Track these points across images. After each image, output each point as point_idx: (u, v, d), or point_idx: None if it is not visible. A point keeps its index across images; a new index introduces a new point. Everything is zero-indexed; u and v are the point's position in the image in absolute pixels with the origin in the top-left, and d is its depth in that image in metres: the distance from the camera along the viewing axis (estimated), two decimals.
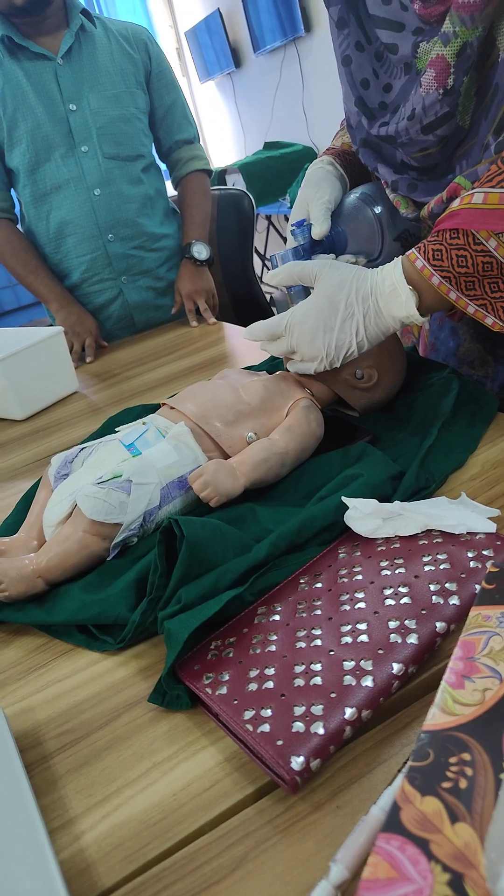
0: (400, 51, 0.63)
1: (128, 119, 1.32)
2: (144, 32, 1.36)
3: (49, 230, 1.34)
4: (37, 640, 0.54)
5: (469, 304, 0.58)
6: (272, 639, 0.44)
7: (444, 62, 0.57)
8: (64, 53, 1.24)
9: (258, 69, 3.79)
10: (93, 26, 1.28)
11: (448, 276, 0.57)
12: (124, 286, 1.41)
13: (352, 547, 0.52)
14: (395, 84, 0.66)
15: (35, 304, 3.93)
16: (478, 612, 0.39)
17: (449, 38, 0.56)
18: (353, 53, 0.66)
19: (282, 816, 0.35)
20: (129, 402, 1.02)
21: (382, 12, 0.62)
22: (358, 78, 0.67)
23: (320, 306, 0.62)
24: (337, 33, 0.67)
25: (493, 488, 0.56)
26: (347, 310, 0.61)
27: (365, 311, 0.60)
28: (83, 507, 0.55)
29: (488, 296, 0.57)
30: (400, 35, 0.62)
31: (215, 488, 0.57)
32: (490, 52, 0.58)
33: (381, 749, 0.37)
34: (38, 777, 0.41)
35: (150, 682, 0.46)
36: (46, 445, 0.94)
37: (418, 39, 0.61)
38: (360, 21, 0.65)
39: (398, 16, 0.62)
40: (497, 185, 0.53)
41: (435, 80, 0.58)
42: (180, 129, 1.43)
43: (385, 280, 0.60)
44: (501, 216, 0.52)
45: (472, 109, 0.61)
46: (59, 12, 1.25)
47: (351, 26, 0.66)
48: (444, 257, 0.56)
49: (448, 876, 0.27)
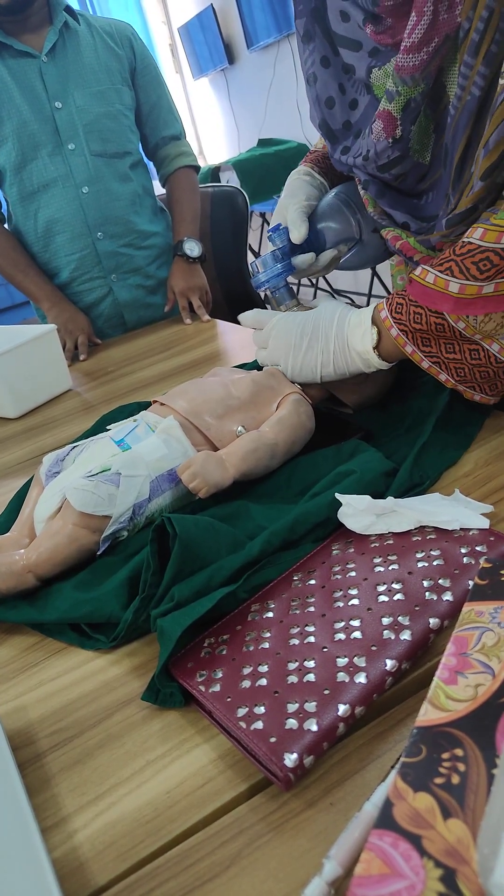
0: (357, 72, 0.64)
1: (114, 116, 1.31)
2: (129, 29, 1.35)
3: (37, 229, 1.33)
4: (29, 639, 0.53)
5: (423, 360, 0.61)
6: (265, 636, 0.44)
7: (390, 116, 0.58)
8: (48, 51, 1.23)
9: (252, 65, 3.78)
10: (76, 23, 1.27)
11: (405, 331, 0.60)
12: (114, 284, 1.40)
13: (345, 543, 0.52)
14: (361, 101, 0.66)
15: (28, 303, 3.91)
16: (471, 608, 0.39)
17: (393, 95, 0.56)
18: (318, 70, 0.66)
19: (275, 813, 0.35)
20: (123, 399, 1.02)
21: (342, 30, 0.62)
22: (323, 97, 0.67)
23: (303, 325, 0.66)
24: (303, 48, 0.66)
25: (487, 485, 0.57)
26: (321, 338, 0.65)
27: (335, 341, 0.64)
28: (72, 499, 0.55)
29: (443, 356, 0.60)
30: (356, 55, 0.62)
31: (204, 479, 0.57)
32: (442, 96, 0.58)
33: (374, 745, 0.37)
34: (30, 776, 0.41)
35: (143, 681, 0.46)
36: (40, 443, 0.94)
37: (371, 64, 0.61)
38: (328, 33, 0.64)
39: (356, 34, 0.61)
40: (445, 271, 0.55)
41: (384, 130, 0.59)
42: (166, 126, 1.43)
43: (357, 316, 0.64)
44: (443, 298, 0.56)
45: (431, 146, 0.61)
46: (42, 10, 1.24)
47: (317, 40, 0.65)
48: (404, 312, 0.60)
49: (440, 871, 0.27)
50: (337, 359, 0.65)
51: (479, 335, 0.58)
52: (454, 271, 0.54)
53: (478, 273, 0.53)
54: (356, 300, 3.51)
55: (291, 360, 0.67)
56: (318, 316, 0.66)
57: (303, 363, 0.66)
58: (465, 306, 0.55)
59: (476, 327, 0.57)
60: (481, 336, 0.58)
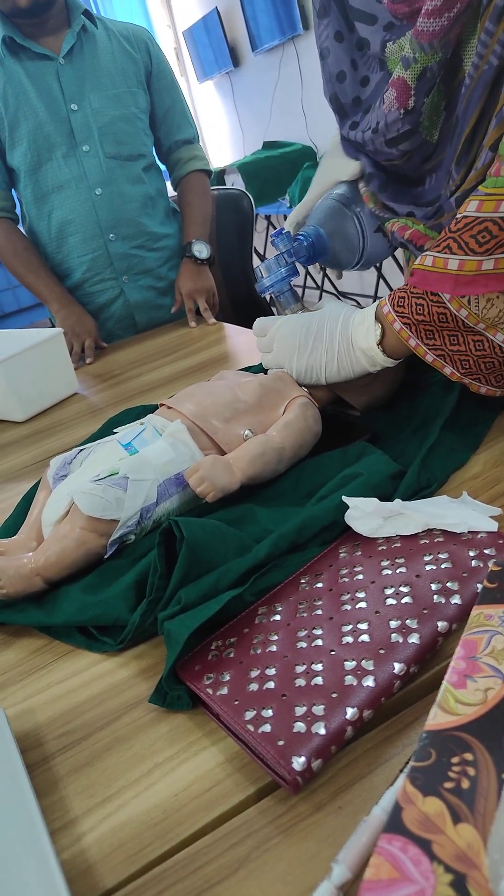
0: (371, 46, 0.64)
1: (129, 119, 1.32)
2: (145, 33, 1.36)
3: (50, 230, 1.34)
4: (37, 642, 0.54)
5: (427, 353, 0.60)
6: (273, 639, 0.44)
7: (404, 84, 0.58)
8: (65, 53, 1.25)
9: (257, 68, 3.79)
10: (94, 27, 1.28)
11: (408, 323, 0.59)
12: (125, 286, 1.41)
13: (353, 546, 0.52)
14: (373, 77, 0.66)
15: (35, 307, 3.93)
16: (479, 611, 0.39)
17: (409, 62, 0.57)
18: (332, 45, 0.67)
19: (283, 817, 0.35)
20: (129, 402, 1.02)
21: (359, 3, 0.63)
22: (335, 71, 0.67)
23: (307, 326, 0.66)
24: (318, 23, 0.67)
25: (495, 487, 0.56)
26: (326, 338, 0.65)
27: (339, 341, 0.64)
28: (80, 503, 0.55)
29: (447, 348, 0.59)
30: (371, 29, 0.63)
31: (211, 483, 0.57)
32: (458, 71, 0.58)
33: (382, 749, 0.37)
34: (39, 778, 0.41)
35: (150, 683, 0.46)
36: (47, 447, 0.94)
37: (386, 38, 0.61)
38: (343, 8, 0.65)
39: (372, 7, 0.62)
40: (443, 249, 0.54)
41: (396, 100, 0.59)
42: (180, 130, 1.44)
43: (361, 315, 0.64)
44: (443, 279, 0.54)
45: (440, 124, 0.61)
46: (61, 13, 1.25)
47: (332, 14, 0.65)
48: (406, 304, 0.59)
49: (450, 877, 0.27)
50: (342, 358, 0.64)
51: (482, 324, 0.57)
52: (452, 248, 0.53)
53: (476, 246, 0.52)
54: (361, 302, 3.51)
55: (296, 361, 0.67)
56: (323, 316, 0.66)
57: (308, 364, 0.66)
58: (465, 285, 0.53)
59: (479, 315, 0.56)
60: (485, 325, 0.57)
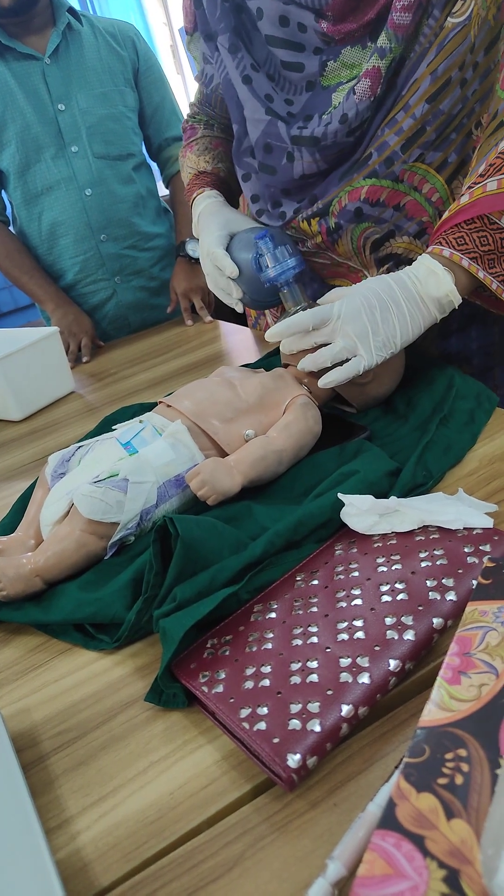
0: (306, 69, 0.69)
1: (117, 118, 1.31)
2: (132, 29, 1.35)
3: (41, 231, 1.33)
4: (34, 640, 0.54)
5: (493, 281, 0.63)
6: (268, 636, 0.44)
7: (378, 73, 0.64)
8: (51, 53, 1.23)
9: None
10: (80, 24, 1.27)
11: (475, 257, 0.62)
12: (118, 286, 1.41)
13: (348, 544, 0.52)
14: (296, 100, 0.72)
15: (32, 306, 3.92)
16: (474, 608, 0.39)
17: (385, 52, 0.63)
18: (252, 73, 0.73)
19: (279, 814, 0.35)
20: (126, 401, 1.02)
21: (281, 33, 0.68)
22: (261, 93, 0.73)
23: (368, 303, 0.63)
24: (231, 57, 0.73)
25: (491, 483, 0.56)
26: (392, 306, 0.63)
27: (405, 303, 0.64)
28: (80, 506, 0.55)
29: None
30: (303, 55, 0.69)
31: (212, 487, 0.57)
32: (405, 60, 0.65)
33: (378, 746, 0.37)
34: (34, 777, 0.41)
35: (146, 681, 0.46)
36: (43, 446, 0.94)
37: (324, 59, 0.68)
38: (250, 47, 0.73)
39: (297, 37, 0.68)
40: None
41: (370, 88, 0.65)
42: (170, 127, 1.43)
43: (418, 269, 0.64)
44: None
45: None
46: (45, 11, 1.24)
47: (243, 51, 0.72)
48: (468, 240, 0.62)
49: (444, 872, 0.27)
50: (413, 318, 0.63)
51: None
52: None
53: None
54: None
55: (372, 340, 0.63)
56: (374, 289, 0.64)
57: (384, 339, 0.63)
58: None
59: None
60: None
